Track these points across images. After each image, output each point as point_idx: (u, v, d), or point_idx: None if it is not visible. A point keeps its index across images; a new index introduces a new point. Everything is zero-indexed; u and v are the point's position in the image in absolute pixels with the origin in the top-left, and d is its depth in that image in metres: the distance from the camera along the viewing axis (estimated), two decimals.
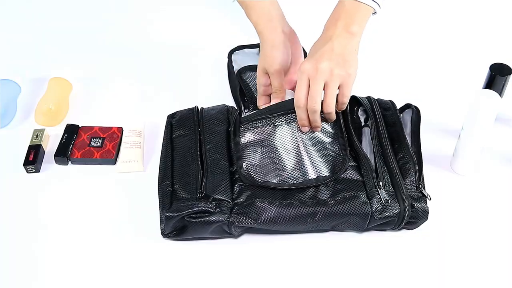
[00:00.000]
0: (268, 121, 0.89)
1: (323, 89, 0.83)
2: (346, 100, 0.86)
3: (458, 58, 1.15)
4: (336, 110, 0.86)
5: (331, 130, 0.88)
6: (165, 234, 0.83)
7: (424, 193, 0.83)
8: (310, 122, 0.86)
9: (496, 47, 1.18)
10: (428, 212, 0.83)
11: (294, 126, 0.88)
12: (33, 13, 1.28)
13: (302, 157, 0.86)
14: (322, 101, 0.84)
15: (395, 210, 0.81)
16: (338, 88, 0.84)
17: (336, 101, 0.85)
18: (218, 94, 1.06)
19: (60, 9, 1.29)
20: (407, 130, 0.92)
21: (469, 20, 1.24)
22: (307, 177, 0.84)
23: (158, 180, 0.86)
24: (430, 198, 0.83)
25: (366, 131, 0.91)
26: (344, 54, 0.83)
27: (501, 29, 1.22)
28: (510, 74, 0.93)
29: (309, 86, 0.83)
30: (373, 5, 0.85)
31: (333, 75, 0.82)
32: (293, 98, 0.86)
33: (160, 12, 1.28)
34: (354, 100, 0.93)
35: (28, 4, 1.30)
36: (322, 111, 0.85)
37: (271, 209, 0.81)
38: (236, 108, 0.96)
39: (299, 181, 0.84)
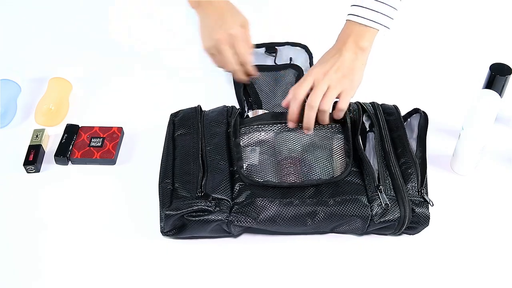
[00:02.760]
0: (270, 124, 0.90)
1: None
2: (344, 107, 0.87)
3: (458, 58, 1.15)
4: (344, 116, 0.89)
5: (338, 134, 0.89)
6: (164, 232, 0.83)
7: (426, 198, 0.83)
8: (304, 119, 0.87)
9: (496, 47, 1.18)
10: (429, 217, 0.82)
11: (297, 129, 0.89)
12: (33, 13, 1.28)
13: (304, 159, 0.86)
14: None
15: (395, 214, 0.81)
16: (338, 97, 0.87)
17: (334, 108, 0.87)
18: (222, 94, 1.06)
19: (60, 9, 1.29)
20: (414, 135, 0.92)
21: (469, 20, 1.24)
22: (309, 177, 0.84)
23: (159, 178, 0.86)
24: (433, 204, 0.83)
25: (371, 136, 0.91)
26: (352, 68, 0.86)
27: (501, 29, 1.22)
28: (510, 74, 0.93)
29: (311, 88, 0.86)
30: (380, 28, 0.88)
31: (338, 83, 0.85)
32: None
33: (163, 10, 1.28)
34: (359, 106, 0.93)
35: (28, 4, 1.30)
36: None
37: (270, 208, 0.81)
38: (236, 107, 0.96)
39: (300, 179, 0.84)
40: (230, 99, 1.04)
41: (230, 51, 0.94)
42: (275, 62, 1.12)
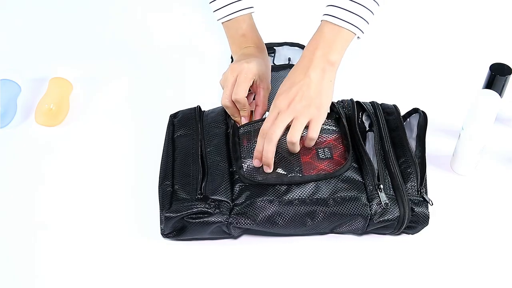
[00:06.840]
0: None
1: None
2: (314, 135, 0.83)
3: (458, 58, 1.15)
4: (338, 111, 0.88)
5: (335, 132, 0.89)
6: (164, 234, 0.83)
7: (426, 198, 0.83)
8: (263, 152, 0.82)
9: (496, 47, 1.18)
10: (428, 217, 0.82)
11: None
12: (33, 13, 1.28)
13: (303, 155, 0.86)
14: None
15: (395, 213, 0.81)
16: (307, 125, 0.83)
17: (305, 136, 0.84)
18: (221, 95, 1.06)
19: (60, 9, 1.29)
20: (413, 135, 0.92)
21: (469, 20, 1.24)
22: (309, 172, 0.84)
23: (159, 180, 0.86)
24: (432, 204, 0.83)
25: (370, 136, 0.91)
26: (320, 91, 0.82)
27: (501, 29, 1.22)
28: (510, 74, 0.93)
29: None
30: (355, 30, 0.83)
31: (303, 113, 0.81)
32: None
33: (162, 11, 1.28)
34: (359, 106, 0.93)
35: (28, 4, 1.30)
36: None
37: (270, 208, 0.80)
38: None
39: (300, 175, 0.83)
40: None
41: (231, 80, 0.90)
42: (273, 63, 1.12)
